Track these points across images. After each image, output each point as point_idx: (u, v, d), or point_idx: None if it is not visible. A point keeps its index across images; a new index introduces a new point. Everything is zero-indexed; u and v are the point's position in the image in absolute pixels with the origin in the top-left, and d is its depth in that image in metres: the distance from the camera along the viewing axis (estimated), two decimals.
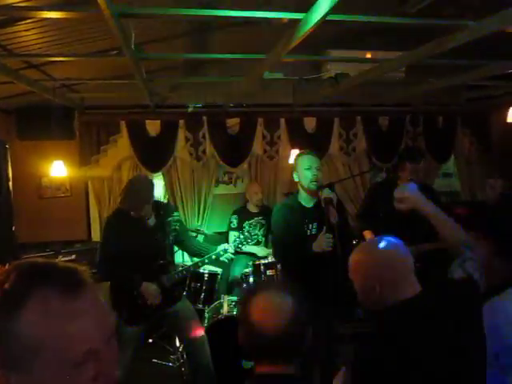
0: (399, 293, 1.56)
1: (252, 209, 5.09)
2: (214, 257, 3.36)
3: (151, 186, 3.30)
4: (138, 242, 3.20)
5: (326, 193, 3.01)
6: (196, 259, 3.55)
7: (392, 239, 1.66)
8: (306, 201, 3.21)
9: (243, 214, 5.06)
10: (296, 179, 3.22)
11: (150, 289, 3.17)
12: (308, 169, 3.09)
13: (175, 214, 3.51)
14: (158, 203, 3.42)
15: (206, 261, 3.39)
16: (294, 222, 3.15)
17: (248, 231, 3.59)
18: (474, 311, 1.63)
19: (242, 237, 3.48)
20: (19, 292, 0.76)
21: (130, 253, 3.18)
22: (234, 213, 5.11)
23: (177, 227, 3.46)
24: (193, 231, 4.64)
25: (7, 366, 0.75)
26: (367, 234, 3.87)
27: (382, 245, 1.63)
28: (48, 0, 2.34)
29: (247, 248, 4.22)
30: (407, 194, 1.97)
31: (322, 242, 2.96)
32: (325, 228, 2.98)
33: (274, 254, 3.82)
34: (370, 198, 4.17)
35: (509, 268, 2.04)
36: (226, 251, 3.38)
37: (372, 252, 1.66)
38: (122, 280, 3.26)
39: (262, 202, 5.11)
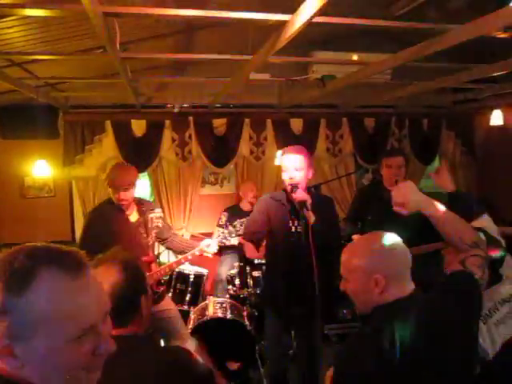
0: (399, 289, 1.56)
1: (245, 207, 5.06)
2: (197, 253, 3.34)
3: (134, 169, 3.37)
4: (119, 237, 3.18)
5: (299, 195, 2.84)
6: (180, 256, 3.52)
7: (390, 234, 1.65)
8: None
9: (235, 212, 5.03)
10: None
11: None
12: (285, 170, 2.94)
13: (157, 210, 3.51)
14: (140, 200, 3.42)
15: (190, 257, 3.36)
16: (280, 216, 3.02)
17: (236, 227, 3.57)
18: (467, 308, 1.62)
19: (226, 231, 3.47)
20: (27, 270, 0.83)
21: (112, 248, 3.15)
22: (225, 210, 5.07)
23: (159, 224, 3.44)
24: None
25: (13, 338, 0.81)
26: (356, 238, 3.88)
27: (383, 240, 1.61)
28: None
29: (232, 241, 4.20)
30: (407, 197, 1.85)
31: (299, 194, 2.85)
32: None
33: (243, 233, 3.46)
34: (357, 201, 4.20)
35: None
36: (208, 246, 3.37)
37: (373, 247, 1.62)
38: None
39: (256, 200, 5.05)
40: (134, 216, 3.34)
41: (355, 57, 3.99)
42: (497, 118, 5.04)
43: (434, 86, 4.05)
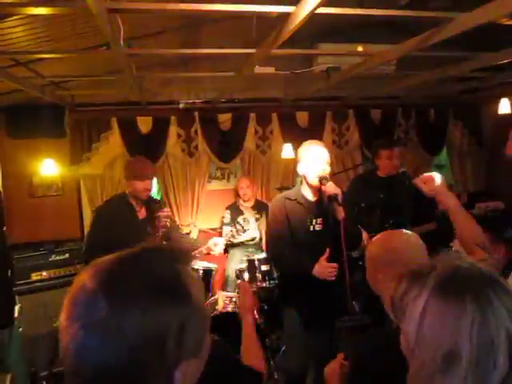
0: None
1: (242, 203, 5.07)
2: (204, 251, 3.35)
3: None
4: (127, 233, 3.20)
5: (330, 188, 2.73)
6: None
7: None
8: (310, 194, 2.96)
9: (236, 209, 5.06)
10: (300, 172, 2.95)
11: None
12: (316, 163, 2.81)
13: (165, 210, 3.53)
14: (149, 198, 3.44)
15: (198, 255, 3.38)
16: (298, 216, 2.90)
17: (241, 224, 3.59)
18: None
19: (234, 230, 3.49)
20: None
21: (119, 244, 3.17)
22: (228, 208, 5.10)
23: (167, 223, 3.46)
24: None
25: (181, 357, 0.76)
26: None
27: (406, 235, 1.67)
28: None
29: (240, 238, 4.22)
30: (437, 182, 1.91)
31: (325, 271, 2.74)
32: (326, 254, 2.75)
33: (269, 252, 3.43)
34: (351, 190, 4.22)
35: (505, 252, 2.12)
36: (216, 245, 3.38)
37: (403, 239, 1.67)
38: None
39: (249, 197, 5.07)
40: (142, 213, 3.36)
41: (360, 48, 3.96)
42: (504, 106, 4.98)
43: (440, 75, 4.01)
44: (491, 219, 2.43)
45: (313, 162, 2.83)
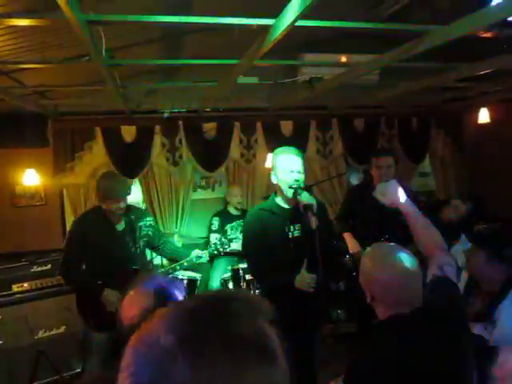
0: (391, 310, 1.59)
1: (233, 211, 5.08)
2: (186, 264, 3.34)
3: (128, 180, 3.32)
4: (105, 247, 3.18)
5: (304, 198, 2.70)
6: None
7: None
8: (284, 203, 2.91)
9: (225, 217, 5.05)
10: (274, 181, 2.89)
11: (110, 297, 3.11)
12: (289, 172, 2.77)
13: (147, 218, 3.47)
14: (129, 207, 3.36)
15: (178, 267, 3.36)
16: (274, 226, 2.86)
17: (226, 237, 3.57)
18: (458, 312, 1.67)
19: (218, 243, 3.46)
20: None
21: (97, 257, 3.17)
22: (216, 215, 5.09)
23: (149, 232, 3.42)
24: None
25: None
26: (347, 236, 3.92)
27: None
28: (17, 6, 2.29)
29: (227, 249, 4.20)
30: (394, 192, 1.96)
31: (305, 282, 2.73)
32: (305, 265, 2.75)
33: (249, 264, 3.25)
34: (347, 201, 4.22)
35: (502, 270, 2.16)
36: (199, 258, 3.36)
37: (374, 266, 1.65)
38: (82, 285, 3.23)
39: (242, 205, 5.11)
40: (120, 225, 3.31)
41: (344, 58, 4.00)
42: (484, 115, 5.08)
43: (422, 85, 4.07)
44: (487, 237, 2.46)
45: (285, 172, 2.79)
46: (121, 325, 1.55)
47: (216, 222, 5.00)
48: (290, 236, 2.88)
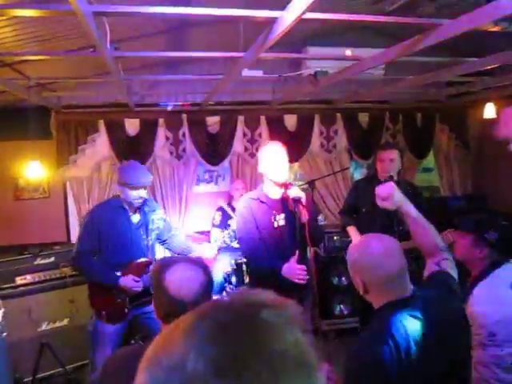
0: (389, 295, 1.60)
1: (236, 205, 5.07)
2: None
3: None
4: (119, 237, 3.18)
5: (294, 192, 2.90)
6: None
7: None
8: (272, 192, 3.09)
9: (228, 211, 5.04)
10: (261, 171, 3.09)
11: (128, 282, 3.12)
12: (274, 158, 2.98)
13: (159, 211, 3.50)
14: (144, 200, 3.36)
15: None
16: (262, 215, 3.05)
17: (233, 230, 3.58)
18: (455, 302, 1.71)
19: (226, 234, 3.48)
20: None
21: (111, 248, 3.17)
22: (219, 209, 5.07)
23: (160, 225, 3.43)
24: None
25: None
26: (350, 230, 3.92)
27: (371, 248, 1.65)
28: None
29: (232, 244, 4.20)
30: (390, 191, 1.95)
31: (294, 272, 2.82)
32: (297, 253, 2.87)
33: (242, 251, 3.49)
34: (352, 195, 4.22)
35: (488, 254, 2.29)
36: (209, 252, 3.39)
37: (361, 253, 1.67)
38: (98, 274, 3.21)
39: None
40: (135, 217, 3.32)
41: (349, 52, 3.98)
42: (490, 110, 5.05)
43: (428, 80, 4.04)
44: (474, 221, 2.48)
45: (270, 159, 2.99)
46: (175, 299, 1.53)
47: (218, 217, 4.99)
48: (276, 225, 3.05)
